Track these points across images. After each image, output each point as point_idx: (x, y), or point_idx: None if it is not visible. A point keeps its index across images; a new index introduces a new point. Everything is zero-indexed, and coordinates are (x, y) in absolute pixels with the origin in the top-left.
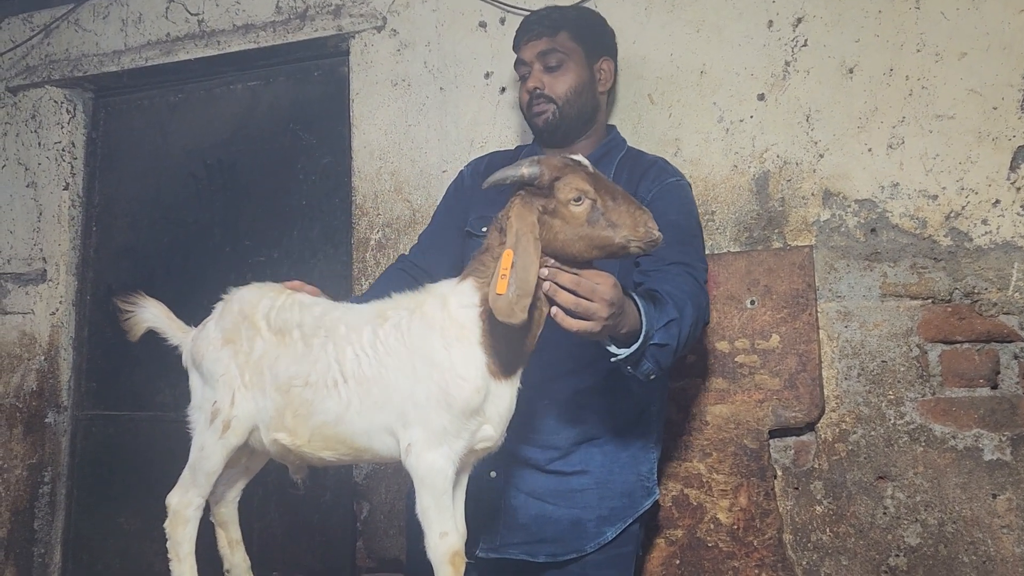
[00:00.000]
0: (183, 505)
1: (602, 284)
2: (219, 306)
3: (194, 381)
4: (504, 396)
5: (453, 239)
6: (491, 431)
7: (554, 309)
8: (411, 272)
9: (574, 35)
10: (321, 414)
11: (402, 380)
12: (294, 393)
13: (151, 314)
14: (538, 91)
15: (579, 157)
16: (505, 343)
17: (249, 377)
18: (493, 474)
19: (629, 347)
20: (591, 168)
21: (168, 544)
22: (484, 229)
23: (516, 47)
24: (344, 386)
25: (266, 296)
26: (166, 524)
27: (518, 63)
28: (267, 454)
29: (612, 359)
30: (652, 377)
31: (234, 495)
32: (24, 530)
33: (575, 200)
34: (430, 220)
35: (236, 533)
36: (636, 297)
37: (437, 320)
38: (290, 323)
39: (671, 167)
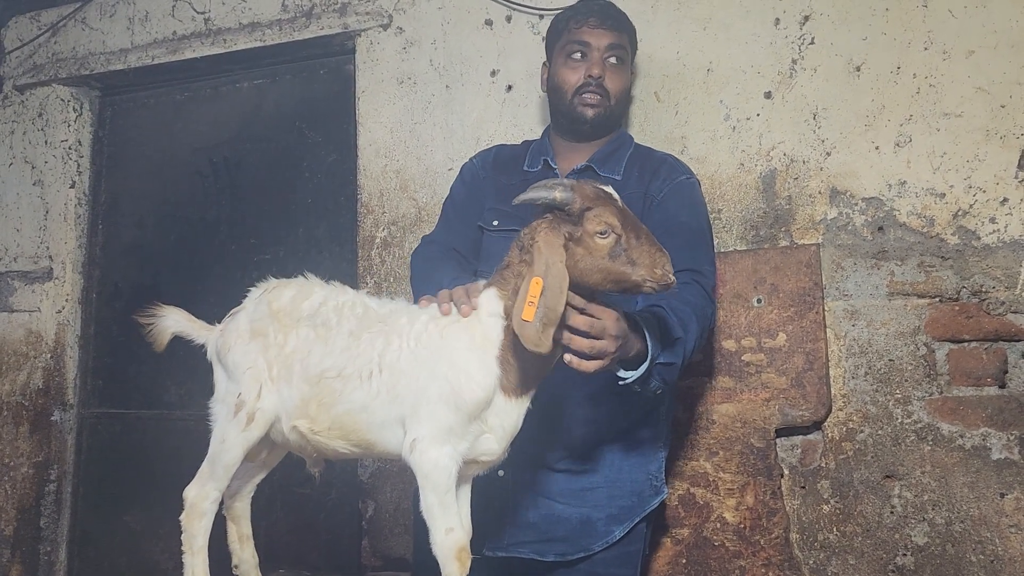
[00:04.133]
0: (200, 498)
1: (609, 321)
2: (251, 298)
3: (218, 374)
4: (511, 413)
5: (476, 229)
6: (494, 444)
7: (568, 356)
8: (455, 256)
9: (630, 40)
10: (347, 403)
11: (424, 375)
12: (324, 383)
13: (173, 320)
14: (600, 79)
15: (610, 189)
16: (521, 363)
17: (277, 371)
18: (501, 473)
19: (635, 369)
20: (620, 203)
21: (183, 537)
22: (495, 223)
23: (574, 26)
24: (378, 377)
25: (315, 294)
26: (182, 517)
27: (574, 43)
28: (285, 445)
29: (620, 383)
30: (659, 392)
31: (248, 490)
32: (30, 528)
33: (601, 233)
34: (449, 203)
35: (247, 528)
36: (640, 320)
37: (472, 324)
38: (345, 317)
39: (681, 164)
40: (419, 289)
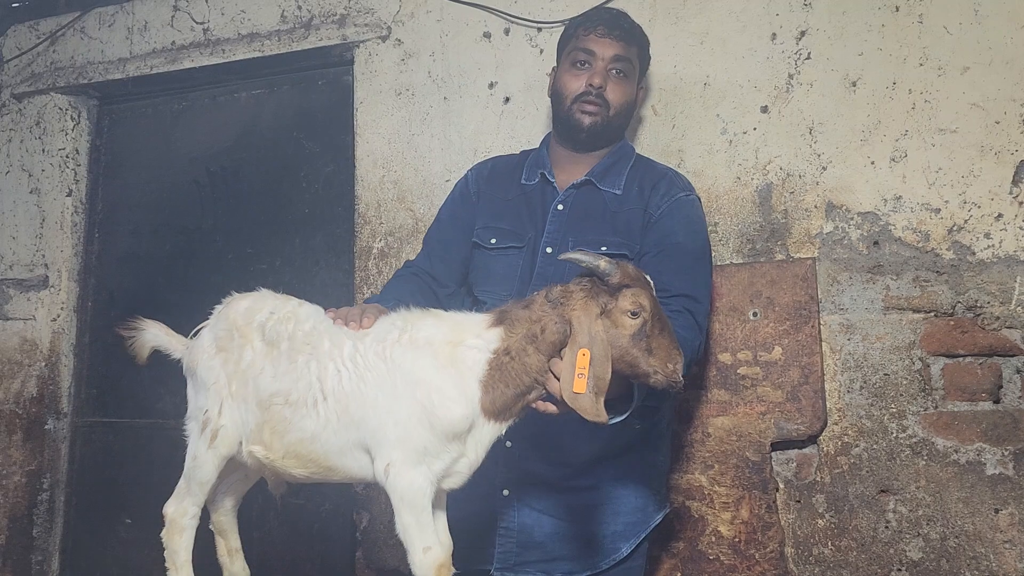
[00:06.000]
0: (179, 514)
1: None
2: (215, 313)
3: (190, 390)
4: (484, 439)
5: (461, 248)
6: (465, 467)
7: (541, 404)
8: (423, 279)
9: (639, 54)
10: (297, 432)
11: (380, 396)
12: (274, 410)
13: (151, 334)
14: (600, 90)
15: (648, 278)
16: (505, 392)
17: (236, 387)
18: (506, 492)
19: (617, 409)
20: (654, 291)
21: (165, 553)
22: (493, 241)
23: (582, 33)
24: (324, 404)
25: (266, 305)
26: (163, 533)
27: (579, 50)
28: (247, 467)
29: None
30: (637, 427)
31: (233, 503)
32: (22, 537)
33: (632, 312)
34: (434, 225)
35: (235, 541)
36: None
37: (435, 344)
38: (281, 335)
39: (681, 180)
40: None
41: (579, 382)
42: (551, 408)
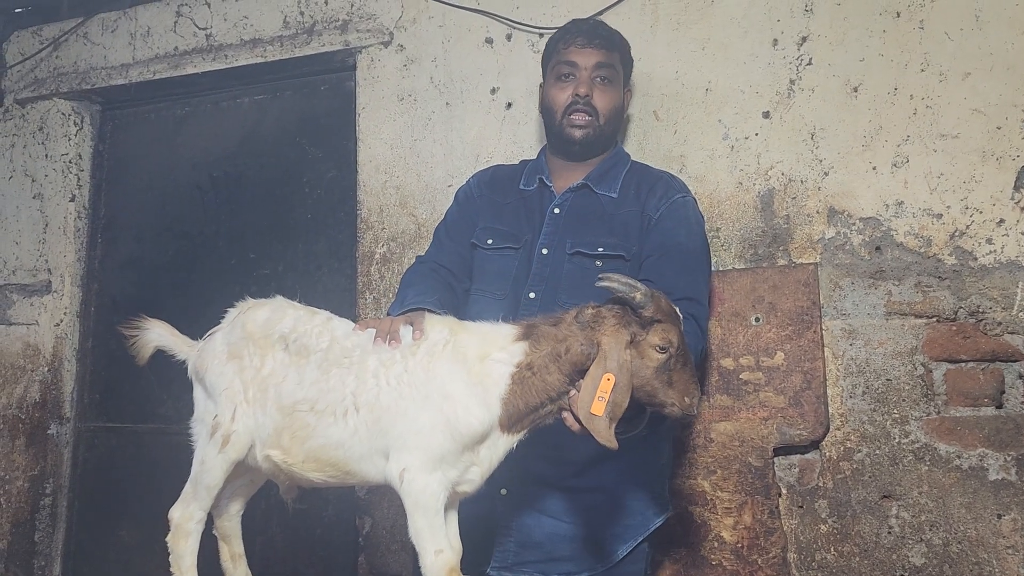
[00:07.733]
0: (185, 519)
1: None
2: (228, 318)
3: (198, 393)
4: (499, 448)
5: (468, 248)
6: (477, 476)
7: (570, 419)
8: (442, 274)
9: (621, 59)
10: (321, 438)
11: (411, 407)
12: (297, 416)
13: (156, 334)
14: (587, 98)
15: (678, 311)
16: (520, 408)
17: (253, 393)
18: (504, 492)
19: (630, 422)
20: (682, 327)
21: (170, 558)
22: (489, 242)
23: (563, 47)
24: (355, 415)
25: (287, 316)
26: (168, 538)
27: (562, 63)
28: (259, 471)
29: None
30: (645, 434)
31: (237, 508)
32: (25, 542)
33: (661, 347)
34: (442, 224)
35: (239, 547)
36: None
37: (468, 360)
38: (311, 348)
39: (677, 182)
40: (393, 305)
41: (598, 404)
42: (575, 425)
